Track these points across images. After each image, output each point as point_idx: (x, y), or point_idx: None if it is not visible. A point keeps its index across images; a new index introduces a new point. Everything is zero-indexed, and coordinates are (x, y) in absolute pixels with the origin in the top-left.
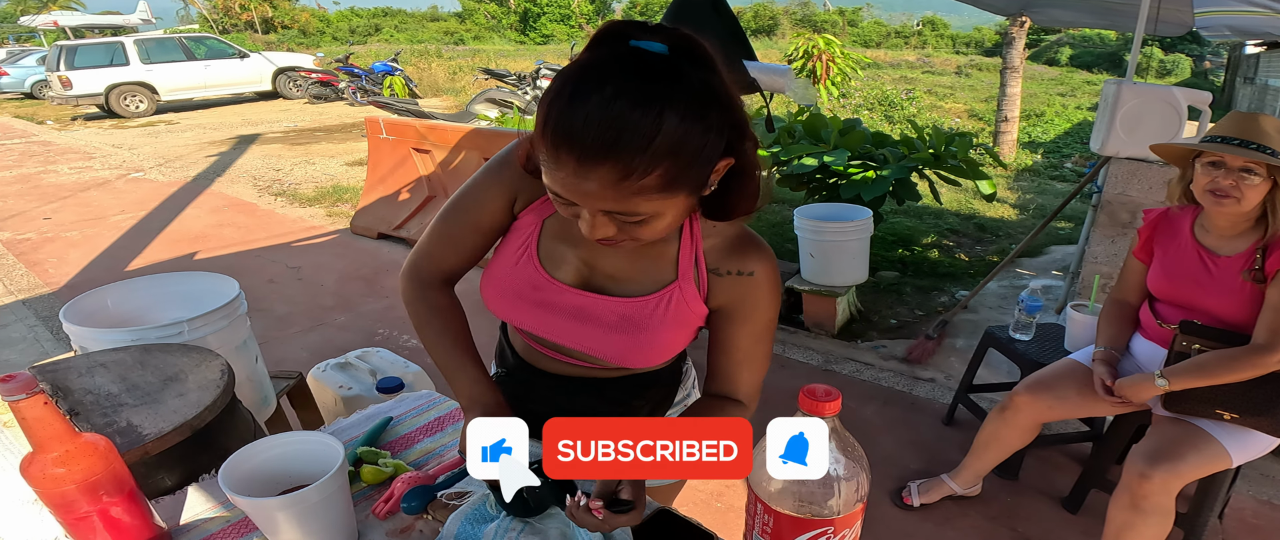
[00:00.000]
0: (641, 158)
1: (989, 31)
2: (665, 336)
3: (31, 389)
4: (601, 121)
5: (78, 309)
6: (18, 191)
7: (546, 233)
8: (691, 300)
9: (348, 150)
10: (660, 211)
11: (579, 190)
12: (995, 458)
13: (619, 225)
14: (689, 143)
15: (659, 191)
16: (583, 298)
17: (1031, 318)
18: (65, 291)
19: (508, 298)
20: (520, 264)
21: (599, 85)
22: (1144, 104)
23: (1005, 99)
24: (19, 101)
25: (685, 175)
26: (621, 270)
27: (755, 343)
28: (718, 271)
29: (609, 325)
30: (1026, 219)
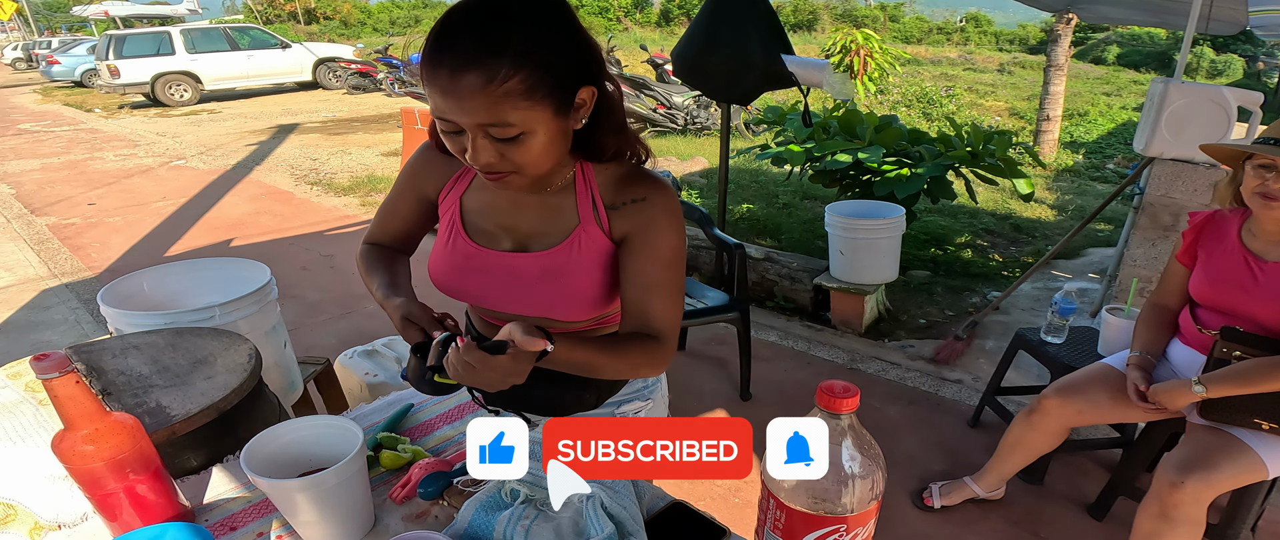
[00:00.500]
0: (501, 61)
1: (1034, 28)
2: (583, 280)
3: (64, 368)
4: (466, 35)
5: (115, 292)
6: (65, 177)
7: (467, 209)
8: (597, 238)
9: (383, 141)
10: (530, 126)
11: (456, 106)
12: (1020, 461)
13: (498, 150)
14: (542, 51)
15: (523, 97)
16: (509, 259)
17: (1064, 320)
18: (106, 275)
19: (447, 272)
20: (452, 240)
21: (461, 13)
22: (1191, 104)
23: (1048, 97)
24: (69, 90)
25: (544, 83)
26: (535, 228)
27: (660, 270)
28: (614, 206)
29: (533, 279)
30: (1064, 220)
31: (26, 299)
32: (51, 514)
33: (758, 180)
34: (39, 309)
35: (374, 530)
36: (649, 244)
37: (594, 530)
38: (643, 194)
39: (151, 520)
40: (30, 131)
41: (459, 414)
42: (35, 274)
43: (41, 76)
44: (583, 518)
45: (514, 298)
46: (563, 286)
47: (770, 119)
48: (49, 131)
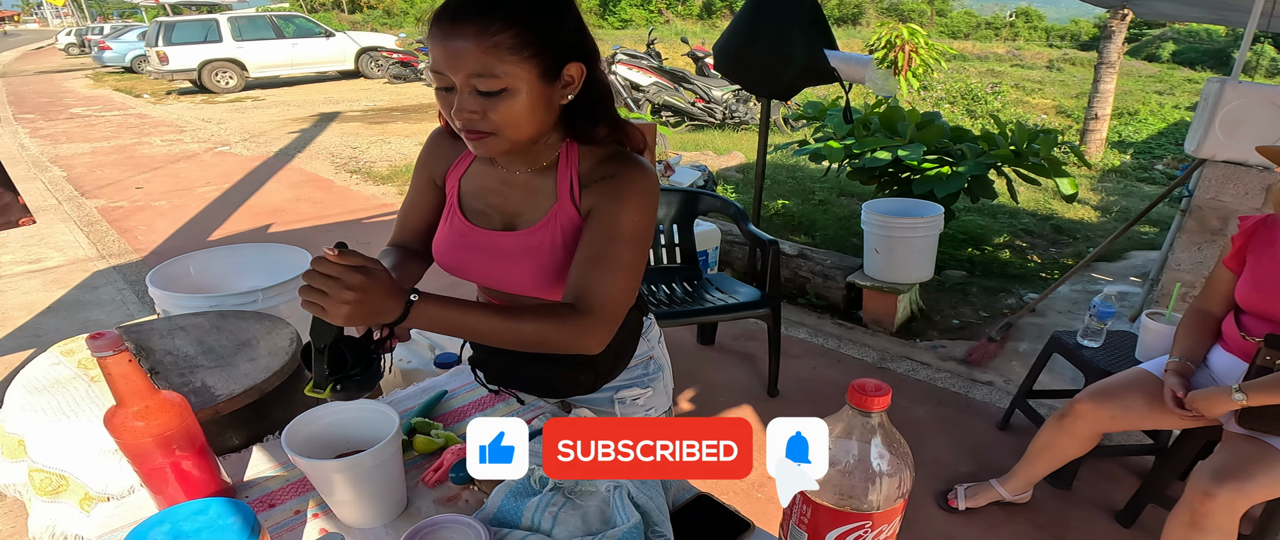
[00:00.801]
0: (496, 14)
1: (1087, 24)
2: (556, 258)
3: (118, 347)
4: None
5: (163, 275)
6: (114, 161)
7: (464, 191)
8: (570, 215)
9: (423, 130)
10: (514, 83)
11: (447, 54)
12: (1049, 465)
13: (481, 104)
14: (537, 15)
15: (511, 51)
16: (495, 237)
17: (1102, 324)
18: (152, 258)
19: (444, 249)
20: (450, 219)
21: None
22: (1247, 104)
23: (1097, 95)
24: (119, 75)
25: (532, 43)
26: (520, 207)
27: (608, 243)
28: (587, 182)
29: (514, 256)
30: (1108, 222)
31: (77, 279)
32: (101, 485)
33: (794, 176)
34: (88, 289)
35: (406, 512)
36: (606, 216)
37: (620, 519)
38: (614, 171)
39: (195, 495)
40: (82, 116)
41: (490, 403)
42: (84, 255)
43: (93, 62)
44: (609, 506)
45: (500, 276)
46: (537, 263)
47: (809, 114)
48: (99, 116)
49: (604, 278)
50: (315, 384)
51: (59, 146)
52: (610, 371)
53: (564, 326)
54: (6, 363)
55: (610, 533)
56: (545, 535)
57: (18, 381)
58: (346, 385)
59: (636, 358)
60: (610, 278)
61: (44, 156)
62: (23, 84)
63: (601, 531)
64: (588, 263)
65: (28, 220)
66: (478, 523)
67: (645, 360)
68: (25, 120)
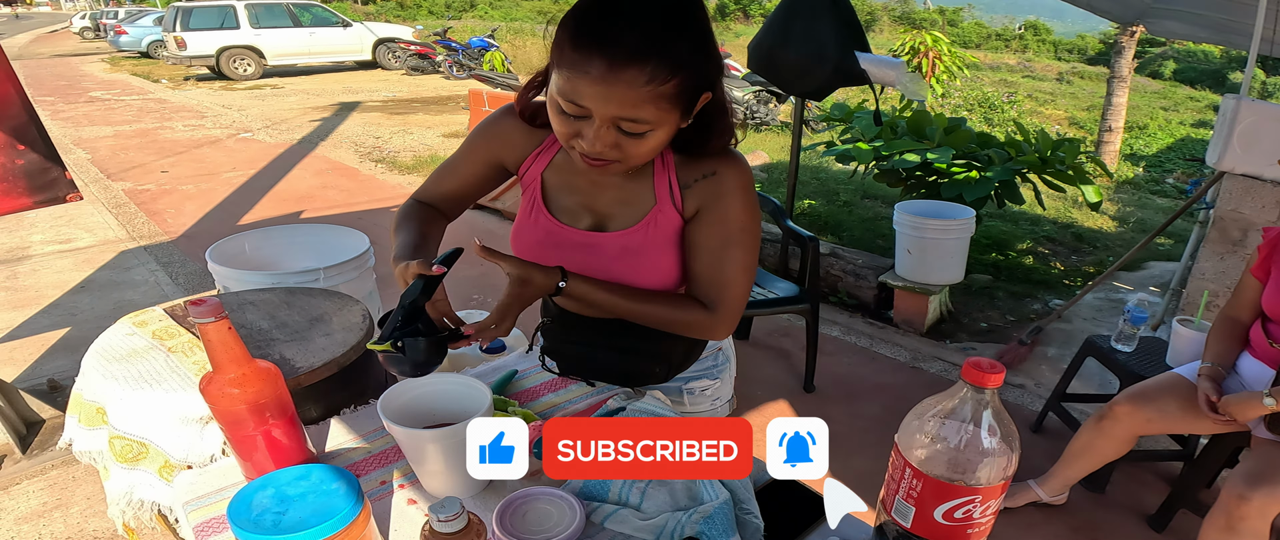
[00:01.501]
0: (665, 65)
1: (1093, 40)
2: (658, 259)
3: (219, 314)
4: (634, 29)
5: (221, 251)
6: (138, 145)
7: (548, 186)
8: (671, 218)
9: (444, 122)
10: (659, 124)
11: (601, 94)
12: (1086, 467)
13: (617, 139)
14: (697, 62)
15: (669, 100)
16: (589, 237)
17: (1135, 329)
18: (182, 240)
19: (529, 246)
20: (534, 216)
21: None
22: (1262, 121)
23: (1110, 108)
24: (135, 60)
25: (687, 91)
26: (613, 207)
27: (723, 245)
28: (687, 184)
29: (611, 257)
30: (1125, 232)
31: (107, 259)
32: (181, 453)
33: (818, 176)
34: (119, 269)
35: (491, 485)
36: (716, 214)
37: (709, 496)
38: (713, 168)
39: (284, 462)
40: (101, 100)
41: (562, 384)
42: (114, 236)
43: (109, 46)
44: (697, 483)
45: (589, 272)
46: (638, 264)
47: (836, 116)
48: (119, 100)
49: (726, 275)
50: (381, 336)
51: (81, 129)
52: (683, 362)
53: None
54: (44, 339)
55: (700, 508)
56: (634, 509)
57: (93, 350)
58: (409, 348)
59: (708, 349)
60: (731, 274)
61: (66, 139)
62: (40, 67)
63: (690, 507)
64: (711, 262)
65: (74, 196)
66: (571, 495)
67: (715, 352)
68: (45, 103)
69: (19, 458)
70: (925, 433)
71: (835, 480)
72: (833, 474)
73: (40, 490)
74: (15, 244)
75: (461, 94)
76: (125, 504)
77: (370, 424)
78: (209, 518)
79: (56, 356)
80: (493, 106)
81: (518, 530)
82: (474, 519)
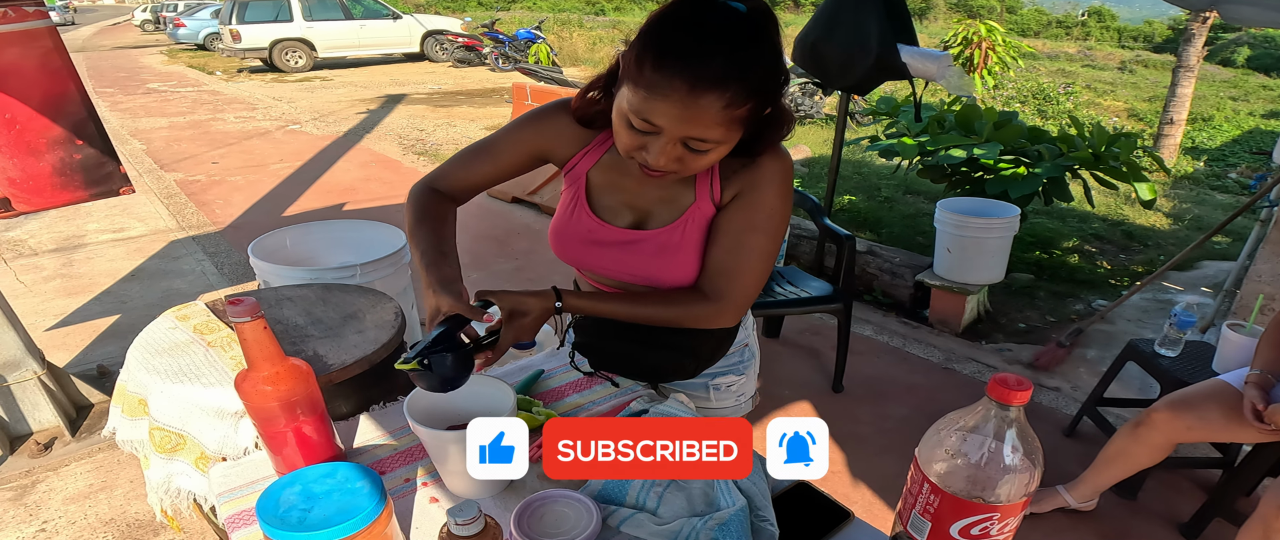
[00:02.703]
0: (743, 90)
1: (1161, 25)
2: (689, 254)
3: (256, 313)
4: (719, 55)
5: (262, 246)
6: (190, 136)
7: (593, 184)
8: (706, 210)
9: (487, 115)
10: (725, 140)
11: (677, 115)
12: (1119, 474)
13: (682, 154)
14: (770, 86)
15: (740, 122)
16: (629, 235)
17: (1182, 333)
18: (229, 231)
19: (568, 242)
20: (575, 213)
21: (710, 30)
22: None
23: (1173, 100)
24: (192, 52)
25: (756, 113)
26: (654, 205)
27: (746, 230)
28: (726, 174)
29: (648, 255)
30: (1180, 230)
31: (157, 249)
32: (216, 446)
33: (860, 171)
34: (169, 259)
35: (511, 486)
36: (748, 200)
37: (725, 502)
38: (752, 155)
39: (313, 458)
40: (158, 91)
41: (586, 384)
42: (164, 226)
43: (167, 38)
44: (714, 489)
45: (626, 269)
46: (672, 261)
47: (882, 110)
48: (175, 92)
49: (740, 265)
50: (408, 356)
51: (138, 120)
52: (711, 358)
53: (698, 314)
54: (95, 326)
55: (716, 515)
56: (650, 513)
57: (138, 343)
58: (434, 365)
59: (735, 345)
60: (746, 264)
61: (124, 130)
62: (101, 59)
63: (707, 513)
64: (726, 250)
65: (128, 189)
66: (588, 498)
67: (742, 347)
68: (105, 94)
69: (68, 440)
70: (946, 448)
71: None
72: (857, 475)
73: (87, 472)
74: (72, 232)
75: (505, 87)
76: (164, 492)
77: (397, 421)
78: (240, 509)
79: (106, 343)
80: (536, 100)
81: (535, 532)
82: (491, 522)
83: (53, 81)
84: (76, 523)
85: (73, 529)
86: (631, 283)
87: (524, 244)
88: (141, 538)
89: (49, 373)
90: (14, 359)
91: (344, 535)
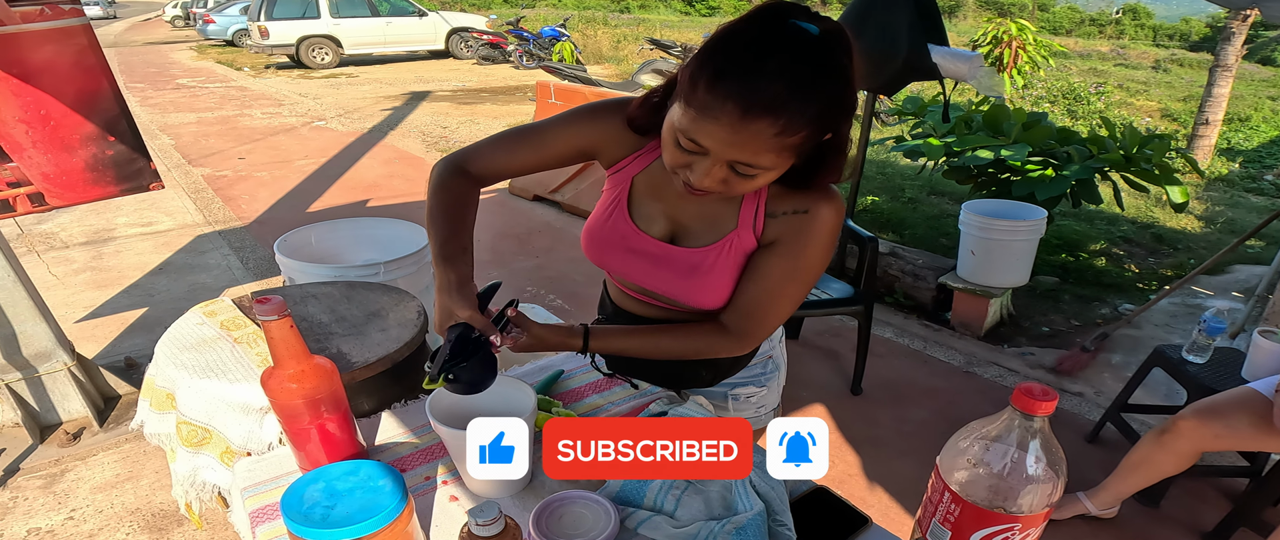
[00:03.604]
0: (799, 119)
1: (1198, 23)
2: (719, 279)
3: (283, 312)
4: (778, 81)
5: (288, 243)
6: (218, 132)
7: (636, 190)
8: (746, 242)
9: (510, 113)
10: (774, 167)
11: (727, 138)
12: (1142, 481)
13: (727, 176)
14: (829, 115)
15: (792, 151)
16: (662, 248)
17: (1211, 340)
18: (254, 226)
19: (601, 246)
20: (612, 217)
21: (773, 51)
22: None
23: (1210, 100)
24: (221, 48)
25: (811, 141)
26: (694, 222)
27: (785, 280)
28: (774, 214)
29: (680, 271)
30: (1212, 233)
31: (184, 243)
32: (241, 441)
33: (883, 172)
34: (195, 253)
35: (530, 486)
36: (792, 249)
37: (743, 506)
38: (807, 206)
39: (336, 454)
40: (187, 87)
41: (607, 385)
42: (191, 220)
43: (197, 34)
44: (732, 493)
45: (655, 281)
46: (703, 282)
47: (909, 110)
48: (203, 87)
49: (770, 308)
50: (433, 374)
51: (167, 115)
52: (731, 369)
53: (716, 346)
54: (123, 318)
55: (734, 519)
56: (668, 516)
57: (166, 338)
58: (459, 377)
59: (758, 356)
60: (775, 309)
61: (153, 125)
62: (132, 54)
63: (724, 517)
64: (763, 293)
65: (157, 185)
66: (607, 500)
67: (765, 359)
68: (136, 89)
69: (96, 431)
70: (968, 457)
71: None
72: (875, 479)
73: (114, 462)
74: (102, 226)
75: (529, 84)
76: (189, 485)
77: (419, 419)
78: (263, 504)
79: (134, 335)
80: (559, 98)
81: (553, 533)
82: (511, 523)
83: (87, 78)
84: (103, 511)
85: (99, 517)
86: (660, 294)
87: (544, 242)
88: (165, 528)
89: (78, 364)
90: (45, 350)
91: (366, 533)
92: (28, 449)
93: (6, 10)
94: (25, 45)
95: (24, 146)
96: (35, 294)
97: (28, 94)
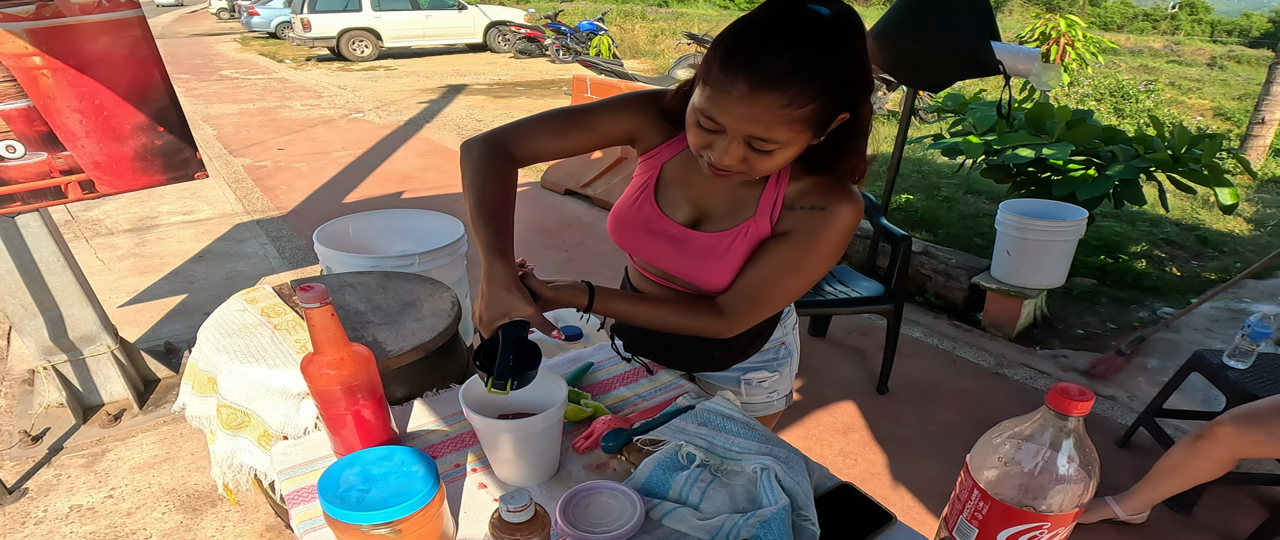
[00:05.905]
0: (807, 91)
1: (1260, 18)
2: (731, 262)
3: (325, 300)
4: (784, 55)
5: (326, 233)
6: (258, 123)
7: (665, 176)
8: (761, 229)
9: (545, 107)
10: (789, 143)
11: (740, 112)
12: (1174, 487)
13: (746, 154)
14: (839, 89)
15: (804, 123)
16: (683, 232)
17: (1254, 345)
18: (292, 216)
19: (626, 228)
20: (639, 202)
21: (782, 29)
22: None
23: (1267, 98)
24: (264, 40)
25: (823, 115)
26: (715, 208)
27: (789, 269)
28: (792, 207)
29: (697, 254)
30: (1261, 236)
31: (223, 231)
32: (279, 425)
33: (919, 170)
34: (234, 241)
35: (557, 476)
36: (803, 242)
37: (768, 500)
38: (825, 203)
39: (370, 440)
40: (230, 78)
41: (634, 377)
42: (231, 209)
43: (241, 26)
44: (757, 487)
45: (673, 263)
46: (715, 266)
47: (949, 107)
48: (246, 79)
49: (765, 296)
50: (496, 380)
51: (210, 106)
52: (743, 352)
53: (706, 327)
54: (164, 304)
55: (759, 512)
56: (693, 508)
57: (208, 324)
58: (524, 382)
59: (770, 342)
60: (771, 297)
61: (196, 115)
62: (178, 46)
63: (749, 510)
64: (763, 279)
65: (202, 174)
66: (632, 491)
67: (778, 345)
68: (180, 81)
69: (136, 412)
70: (999, 455)
71: None
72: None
73: (152, 443)
74: (146, 213)
75: (566, 78)
76: (227, 467)
77: (450, 408)
78: (299, 487)
79: (173, 320)
80: (595, 92)
81: (579, 522)
82: (540, 510)
83: (140, 70)
84: (140, 490)
85: (137, 496)
86: (676, 277)
87: (575, 237)
88: (199, 508)
89: (121, 347)
90: (90, 333)
91: (400, 516)
92: (71, 429)
93: (66, 1)
94: (82, 36)
95: (77, 135)
96: (82, 279)
97: (83, 84)
